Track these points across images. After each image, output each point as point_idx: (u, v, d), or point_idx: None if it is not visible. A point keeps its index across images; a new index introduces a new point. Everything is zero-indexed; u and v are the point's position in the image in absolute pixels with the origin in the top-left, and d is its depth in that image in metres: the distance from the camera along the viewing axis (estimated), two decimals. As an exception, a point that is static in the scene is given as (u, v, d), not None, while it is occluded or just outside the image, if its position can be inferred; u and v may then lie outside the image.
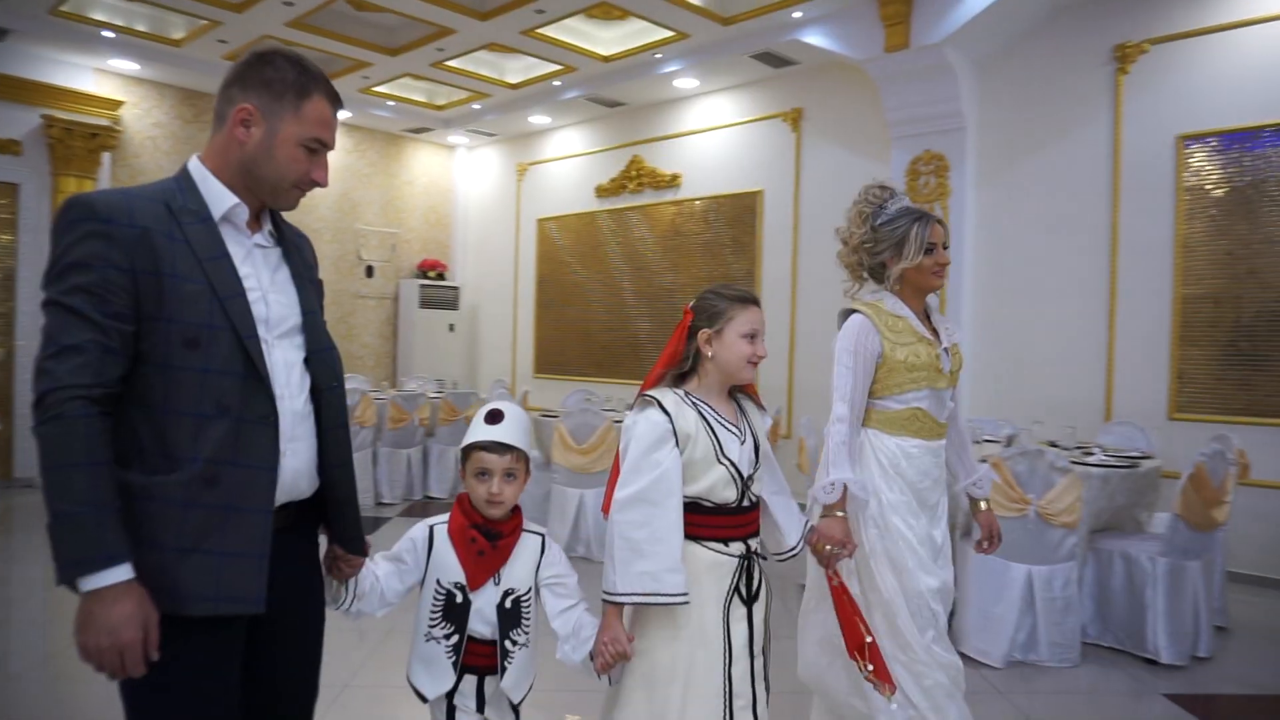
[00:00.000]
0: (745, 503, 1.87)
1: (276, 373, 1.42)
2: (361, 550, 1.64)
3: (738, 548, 1.87)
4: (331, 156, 1.47)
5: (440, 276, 9.99)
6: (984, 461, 3.84)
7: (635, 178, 8.27)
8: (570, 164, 9.06)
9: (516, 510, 1.81)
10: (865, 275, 2.48)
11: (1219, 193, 5.12)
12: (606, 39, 7.06)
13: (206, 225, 1.39)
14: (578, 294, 8.93)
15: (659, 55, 7.03)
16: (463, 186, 10.39)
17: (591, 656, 1.79)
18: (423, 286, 9.72)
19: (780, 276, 7.21)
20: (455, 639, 1.75)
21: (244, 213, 1.44)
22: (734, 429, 1.90)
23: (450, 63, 7.44)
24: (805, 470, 4.40)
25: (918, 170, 6.10)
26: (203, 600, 1.32)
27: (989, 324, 6.00)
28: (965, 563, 3.77)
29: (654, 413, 1.83)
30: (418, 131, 9.63)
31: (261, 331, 1.40)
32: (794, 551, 2.02)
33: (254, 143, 1.42)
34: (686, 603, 1.76)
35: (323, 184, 1.48)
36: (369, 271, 9.62)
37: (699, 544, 1.84)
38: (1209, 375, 5.17)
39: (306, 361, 1.49)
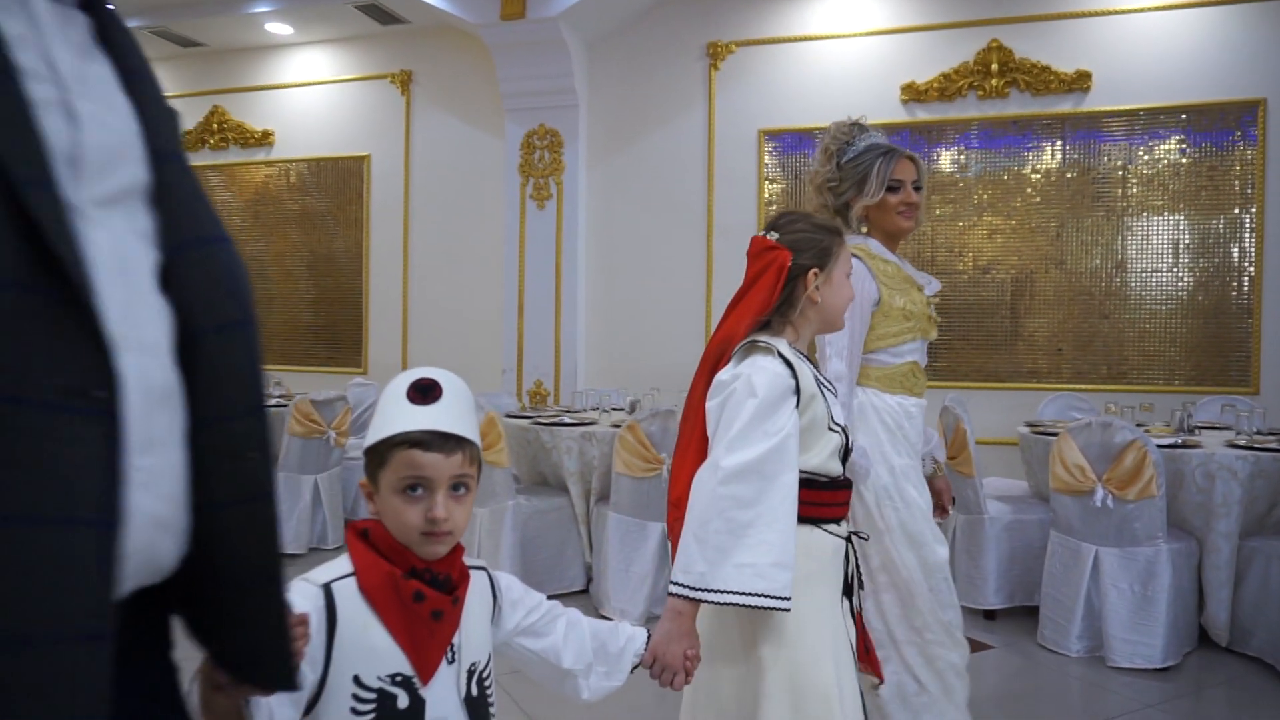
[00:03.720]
0: (845, 474, 1.59)
1: (105, 285, 0.66)
2: (289, 682, 0.84)
3: (845, 527, 1.57)
4: None
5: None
6: (617, 427, 3.94)
7: (218, 132, 7.22)
8: (130, 109, 7.63)
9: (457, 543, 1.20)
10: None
11: (784, 184, 5.86)
12: (180, -39, 6.03)
13: None
14: (143, 263, 7.57)
15: (247, -10, 6.18)
16: (-26, 126, 8.25)
17: (650, 674, 1.37)
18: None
19: (391, 248, 6.79)
20: None
21: None
22: (831, 389, 1.58)
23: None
24: (507, 464, 4.09)
25: (533, 144, 6.11)
26: None
27: (603, 296, 6.22)
28: (603, 524, 3.83)
29: (774, 363, 1.46)
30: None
31: (65, 181, 0.65)
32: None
33: None
34: (788, 609, 1.38)
35: None
36: None
37: (819, 527, 1.51)
38: (785, 343, 5.91)
39: (168, 270, 0.74)
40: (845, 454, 1.58)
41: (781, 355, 1.48)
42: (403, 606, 1.09)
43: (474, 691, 1.17)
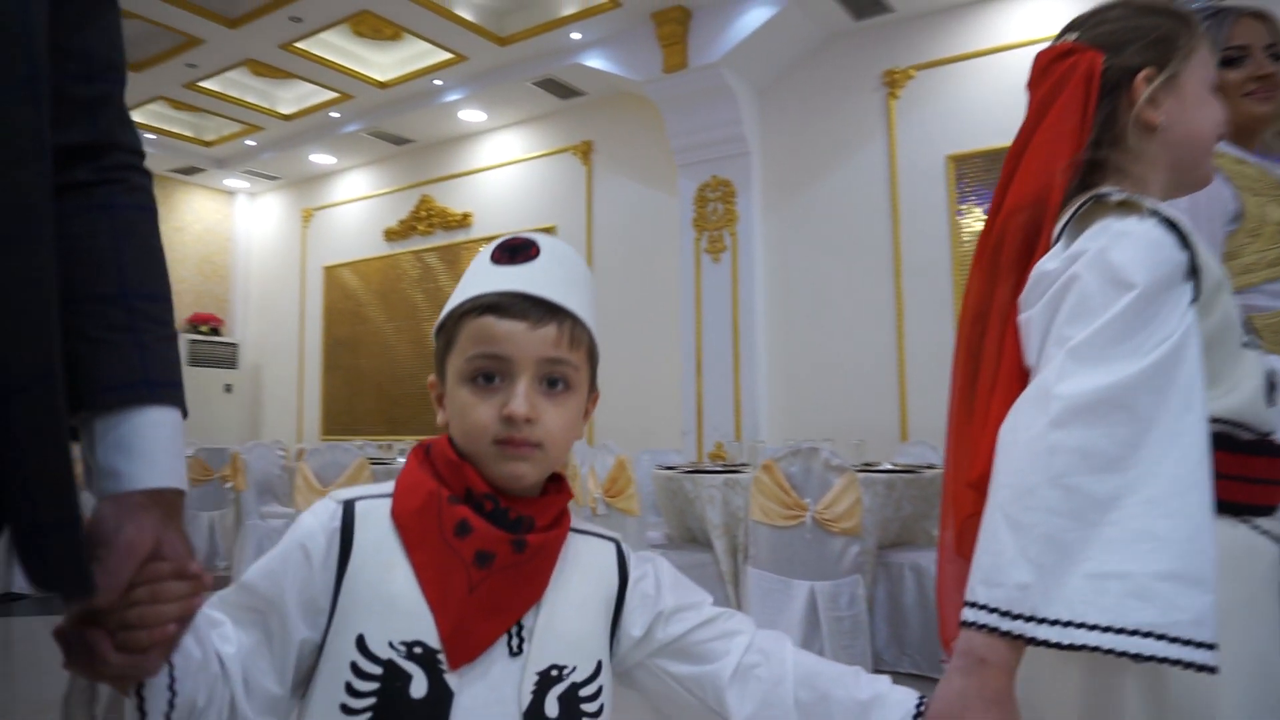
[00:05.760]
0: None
1: None
2: (81, 585, 0.61)
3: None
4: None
5: (214, 331, 9.00)
6: (744, 466, 3.49)
7: (425, 218, 7.76)
8: (357, 207, 8.45)
9: (560, 482, 0.83)
10: None
11: (980, 211, 5.20)
12: (382, 63, 6.61)
13: None
14: (373, 343, 8.21)
15: (439, 81, 6.64)
16: (244, 236, 9.52)
17: None
18: (192, 342, 8.69)
19: (576, 314, 6.83)
20: None
21: None
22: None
23: (207, 84, 6.75)
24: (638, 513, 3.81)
25: (705, 197, 5.93)
26: None
27: (783, 349, 5.80)
28: (744, 582, 3.37)
29: (1148, 225, 0.83)
30: (188, 173, 8.75)
31: None
32: None
33: None
34: (1213, 668, 0.69)
35: None
36: (126, 326, 8.50)
37: (1246, 522, 0.86)
38: (991, 391, 5.14)
39: None
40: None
41: (1156, 213, 0.84)
42: (441, 543, 0.74)
43: (552, 711, 0.75)
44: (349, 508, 0.77)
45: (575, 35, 5.86)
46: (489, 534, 0.74)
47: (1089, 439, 0.76)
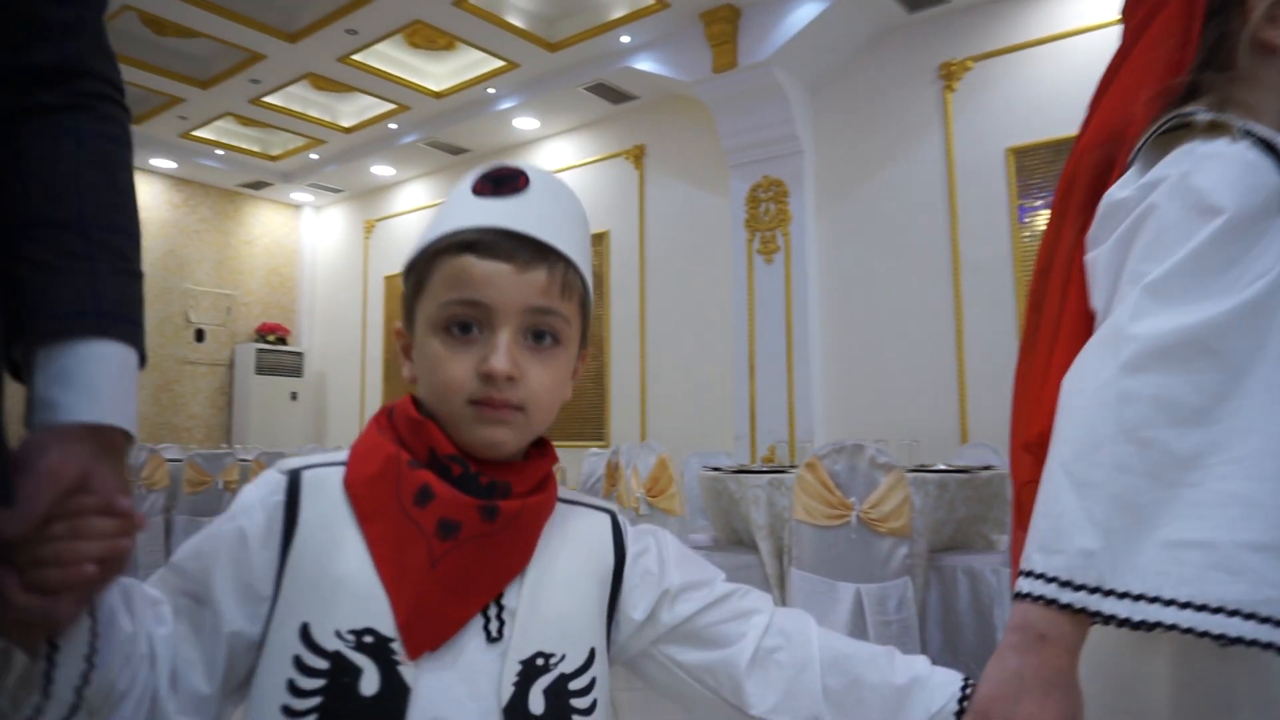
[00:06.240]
0: None
1: None
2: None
3: None
4: (156, 210, 0.69)
5: (281, 341, 9.24)
6: (792, 468, 3.40)
7: (482, 226, 7.85)
8: (417, 217, 8.60)
9: (545, 447, 0.74)
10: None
11: (1044, 201, 5.00)
12: (436, 73, 6.71)
13: None
14: (427, 353, 8.35)
15: (492, 90, 6.71)
16: (309, 248, 9.78)
17: None
18: (260, 351, 8.95)
19: (629, 319, 6.81)
20: None
21: None
22: None
23: (271, 99, 6.94)
24: (680, 512, 3.80)
25: (757, 198, 5.85)
26: None
27: (837, 351, 5.68)
28: (788, 586, 3.28)
29: (1237, 148, 0.73)
30: (256, 187, 9.03)
31: None
32: None
33: None
34: None
35: None
36: (199, 335, 8.82)
37: None
38: (1057, 392, 4.93)
39: None
40: None
41: (1250, 134, 0.73)
42: (399, 514, 0.64)
43: (536, 707, 0.65)
44: (294, 478, 0.68)
45: (624, 38, 5.86)
46: (453, 500, 0.65)
47: (1168, 386, 0.65)
